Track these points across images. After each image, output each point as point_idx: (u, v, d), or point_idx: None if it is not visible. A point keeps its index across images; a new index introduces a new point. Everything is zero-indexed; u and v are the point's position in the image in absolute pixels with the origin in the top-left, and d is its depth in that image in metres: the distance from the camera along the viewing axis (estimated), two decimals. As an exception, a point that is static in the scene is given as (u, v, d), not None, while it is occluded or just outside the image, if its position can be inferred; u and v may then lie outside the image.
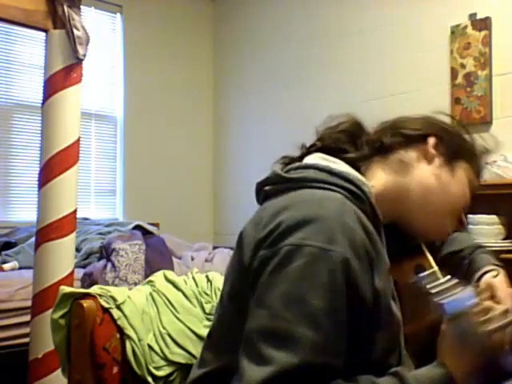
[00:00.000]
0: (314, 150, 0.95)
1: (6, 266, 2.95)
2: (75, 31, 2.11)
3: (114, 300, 1.08)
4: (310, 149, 0.96)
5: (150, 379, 1.07)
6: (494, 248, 2.35)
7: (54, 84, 2.14)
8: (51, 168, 2.13)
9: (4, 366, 2.33)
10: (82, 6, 2.19)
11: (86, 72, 2.25)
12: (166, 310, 1.15)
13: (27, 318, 2.23)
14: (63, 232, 2.13)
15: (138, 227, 3.35)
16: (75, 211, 2.20)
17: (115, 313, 1.07)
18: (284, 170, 0.89)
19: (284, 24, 4.06)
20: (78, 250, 2.88)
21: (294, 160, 0.95)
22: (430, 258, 0.99)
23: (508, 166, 2.55)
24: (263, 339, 0.73)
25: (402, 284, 0.83)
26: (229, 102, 4.55)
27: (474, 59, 2.94)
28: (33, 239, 2.42)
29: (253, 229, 0.83)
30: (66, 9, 2.10)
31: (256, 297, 0.77)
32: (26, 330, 2.27)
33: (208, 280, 1.26)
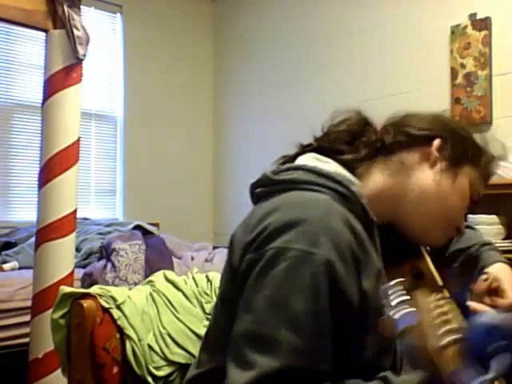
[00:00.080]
0: (310, 149, 0.93)
1: (5, 266, 2.95)
2: (75, 31, 2.11)
3: (114, 300, 1.08)
4: (305, 148, 0.94)
5: (150, 379, 1.07)
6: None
7: (54, 84, 2.14)
8: (51, 168, 2.13)
9: (4, 366, 2.33)
10: (82, 6, 2.19)
11: (86, 72, 2.25)
12: (166, 310, 1.15)
13: (27, 317, 2.23)
14: (63, 232, 2.13)
15: (137, 227, 3.35)
16: (75, 211, 2.20)
17: (115, 313, 1.07)
18: (274, 172, 0.88)
19: (284, 24, 4.06)
20: (77, 250, 2.88)
21: (288, 160, 0.94)
22: (429, 260, 0.98)
23: (508, 166, 2.55)
24: (247, 344, 0.73)
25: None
26: (229, 101, 4.54)
27: (474, 59, 2.94)
28: (33, 239, 2.42)
29: (242, 232, 0.83)
30: (66, 9, 2.10)
31: (243, 300, 0.77)
32: (26, 330, 2.27)
33: (208, 280, 1.26)
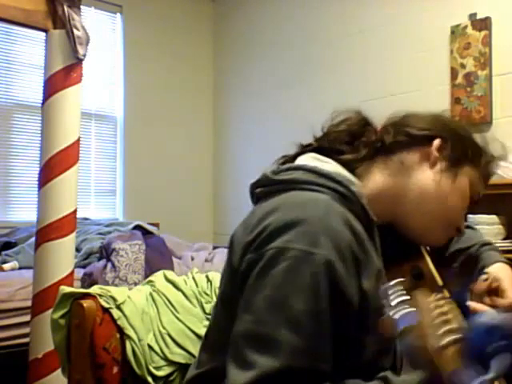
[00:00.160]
0: (310, 149, 0.93)
1: (5, 266, 2.95)
2: (75, 31, 2.11)
3: (114, 300, 1.08)
4: (305, 148, 0.94)
5: (149, 379, 1.07)
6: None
7: (54, 84, 2.14)
8: (51, 168, 2.13)
9: (4, 366, 2.33)
10: (82, 6, 2.19)
11: (86, 72, 2.25)
12: (165, 310, 1.15)
13: (27, 317, 2.23)
14: (63, 232, 2.13)
15: (138, 227, 3.35)
16: (75, 211, 2.20)
17: (115, 313, 1.07)
18: (274, 172, 0.88)
19: (284, 24, 4.06)
20: (78, 250, 2.88)
21: (288, 160, 0.94)
22: (429, 259, 0.98)
23: (508, 166, 2.55)
24: (247, 344, 0.73)
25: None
26: (229, 101, 4.54)
27: (474, 59, 2.94)
28: (33, 239, 2.42)
29: (242, 232, 0.83)
30: (66, 9, 2.10)
31: (243, 300, 0.77)
32: (26, 330, 2.27)
33: (208, 280, 1.26)
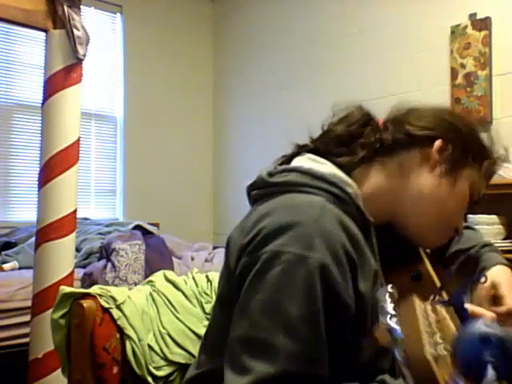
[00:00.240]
0: (306, 150, 0.92)
1: (5, 266, 2.95)
2: (75, 31, 2.11)
3: (114, 300, 1.08)
4: (302, 148, 0.93)
5: (149, 379, 1.07)
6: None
7: (54, 84, 2.14)
8: (51, 168, 2.13)
9: (4, 366, 2.33)
10: (82, 6, 2.19)
11: (86, 72, 2.25)
12: (165, 310, 1.15)
13: (27, 317, 2.23)
14: (63, 232, 2.13)
15: (138, 227, 3.35)
16: (75, 211, 2.20)
17: (115, 313, 1.07)
18: (269, 174, 0.87)
19: (284, 24, 4.06)
20: (78, 250, 2.88)
21: (284, 161, 0.93)
22: (427, 261, 0.98)
23: (508, 166, 2.55)
24: (243, 348, 0.73)
25: (398, 288, 0.82)
26: (229, 101, 4.54)
27: (474, 59, 2.94)
28: (33, 239, 2.42)
29: (238, 234, 0.83)
30: (66, 9, 2.10)
31: (239, 304, 0.77)
32: (26, 330, 2.27)
33: (208, 280, 1.26)
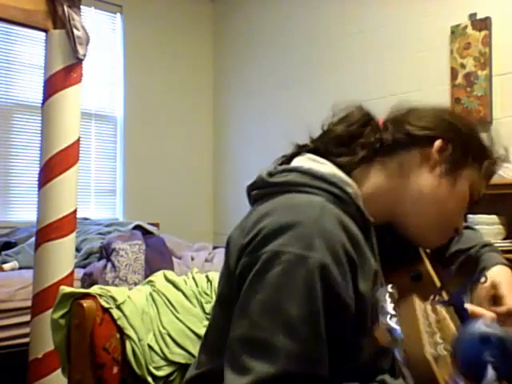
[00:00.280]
0: (306, 150, 0.92)
1: (5, 266, 2.95)
2: (75, 31, 2.11)
3: (114, 300, 1.08)
4: (301, 149, 0.93)
5: (149, 379, 1.07)
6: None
7: (54, 84, 2.14)
8: (51, 168, 2.13)
9: (4, 366, 2.33)
10: (82, 6, 2.19)
11: (86, 72, 2.25)
12: (165, 310, 1.15)
13: (27, 318, 2.23)
14: (63, 232, 2.13)
15: (138, 227, 3.35)
16: (75, 211, 2.20)
17: (115, 313, 1.07)
18: (269, 174, 0.87)
19: (284, 24, 4.06)
20: (78, 250, 2.88)
21: (284, 161, 0.93)
22: (427, 261, 0.98)
23: (508, 166, 2.55)
24: (243, 348, 0.73)
25: (398, 288, 0.82)
26: (229, 101, 4.54)
27: (474, 59, 2.94)
28: (33, 239, 2.42)
29: (238, 235, 0.83)
30: (66, 9, 2.10)
31: (239, 304, 0.77)
32: (26, 330, 2.27)
33: (208, 280, 1.26)
